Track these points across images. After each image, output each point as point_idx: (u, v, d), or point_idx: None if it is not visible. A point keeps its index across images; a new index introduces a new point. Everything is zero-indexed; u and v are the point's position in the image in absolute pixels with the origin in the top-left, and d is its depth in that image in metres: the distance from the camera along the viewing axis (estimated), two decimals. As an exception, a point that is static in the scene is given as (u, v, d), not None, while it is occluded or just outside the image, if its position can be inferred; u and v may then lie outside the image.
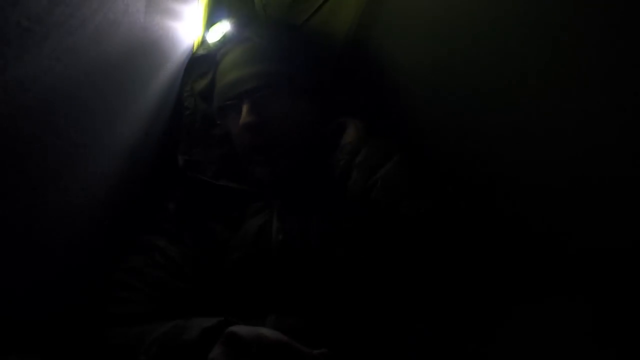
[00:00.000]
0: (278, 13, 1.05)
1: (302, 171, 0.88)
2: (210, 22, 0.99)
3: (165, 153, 0.93)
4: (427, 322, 0.73)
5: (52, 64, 0.59)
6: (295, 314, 0.74)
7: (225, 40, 0.95)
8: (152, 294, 0.77)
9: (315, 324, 0.73)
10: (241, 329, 0.60)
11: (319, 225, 0.81)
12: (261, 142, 0.85)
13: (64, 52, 0.60)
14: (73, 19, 0.60)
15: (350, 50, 0.97)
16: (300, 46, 0.94)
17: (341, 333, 0.72)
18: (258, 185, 0.88)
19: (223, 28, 0.96)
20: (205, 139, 0.94)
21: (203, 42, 1.00)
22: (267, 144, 0.85)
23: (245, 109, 0.85)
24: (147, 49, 0.81)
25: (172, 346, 0.65)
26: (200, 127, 0.94)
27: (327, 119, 0.91)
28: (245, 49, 0.91)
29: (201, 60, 0.98)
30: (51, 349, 0.70)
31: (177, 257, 0.81)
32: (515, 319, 0.61)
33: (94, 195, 0.76)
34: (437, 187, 0.83)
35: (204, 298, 0.78)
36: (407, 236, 0.77)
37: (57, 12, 0.57)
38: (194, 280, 0.79)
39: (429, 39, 0.84)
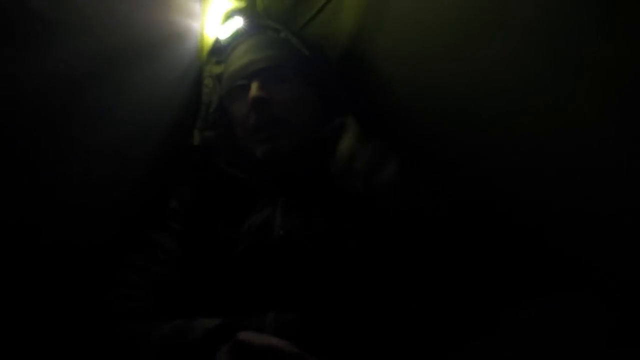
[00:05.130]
0: (280, 15, 1.05)
1: (305, 169, 0.89)
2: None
3: (174, 145, 0.97)
4: (428, 320, 0.73)
5: (62, 58, 0.60)
6: (294, 310, 0.73)
7: (237, 35, 1.01)
8: (154, 290, 0.77)
9: (315, 320, 0.73)
10: (251, 337, 0.58)
11: (319, 223, 0.81)
12: (266, 118, 0.88)
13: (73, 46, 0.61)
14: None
15: (352, 51, 0.98)
16: (307, 43, 1.00)
17: (340, 330, 0.72)
18: (259, 170, 0.90)
19: (236, 24, 1.03)
20: (216, 123, 1.00)
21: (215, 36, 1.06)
22: (271, 121, 0.88)
23: (254, 86, 0.89)
24: (154, 45, 0.85)
25: (175, 346, 0.65)
26: (215, 109, 1.01)
27: (328, 115, 0.92)
28: (257, 40, 0.98)
29: (217, 50, 1.05)
30: (55, 347, 0.70)
31: (178, 254, 0.82)
32: (519, 315, 0.61)
33: (97, 193, 0.77)
34: (438, 187, 0.83)
35: (205, 294, 0.78)
36: (411, 237, 0.77)
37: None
38: (196, 276, 0.79)
39: (432, 39, 0.84)
